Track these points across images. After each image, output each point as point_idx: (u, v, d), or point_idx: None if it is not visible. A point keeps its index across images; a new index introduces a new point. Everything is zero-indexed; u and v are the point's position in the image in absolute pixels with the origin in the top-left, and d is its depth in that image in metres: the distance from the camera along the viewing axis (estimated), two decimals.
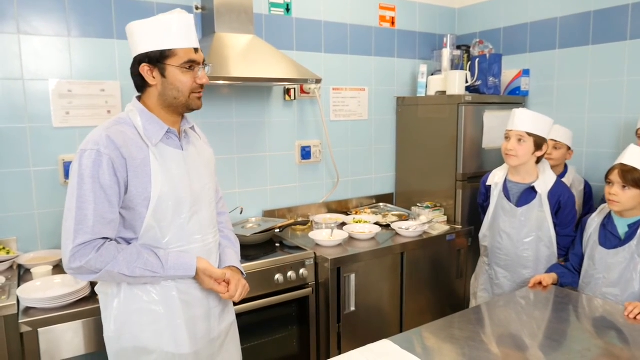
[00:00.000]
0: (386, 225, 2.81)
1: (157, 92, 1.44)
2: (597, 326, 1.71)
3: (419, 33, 3.38)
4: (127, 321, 1.43)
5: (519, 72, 3.11)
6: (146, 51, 1.40)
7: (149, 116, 1.44)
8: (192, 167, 1.51)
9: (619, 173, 1.89)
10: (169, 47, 1.40)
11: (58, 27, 2.21)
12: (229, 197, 2.72)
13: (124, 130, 1.39)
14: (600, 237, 1.98)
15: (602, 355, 1.48)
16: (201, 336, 1.52)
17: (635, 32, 2.60)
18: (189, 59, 1.42)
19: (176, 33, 1.41)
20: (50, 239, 2.27)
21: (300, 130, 2.96)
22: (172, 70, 1.41)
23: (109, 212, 1.34)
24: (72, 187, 1.34)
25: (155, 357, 1.44)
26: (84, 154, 1.33)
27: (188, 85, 1.43)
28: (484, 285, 2.42)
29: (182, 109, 1.48)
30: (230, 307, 1.67)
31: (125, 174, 1.36)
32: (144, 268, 1.37)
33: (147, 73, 1.42)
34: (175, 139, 1.50)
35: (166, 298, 1.45)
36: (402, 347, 1.45)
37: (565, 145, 2.65)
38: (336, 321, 2.38)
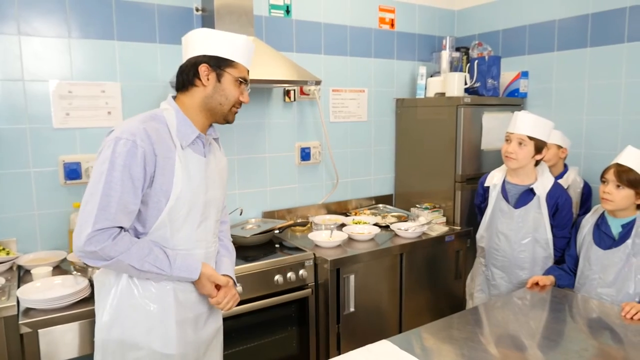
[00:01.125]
0: (385, 226, 2.82)
1: (203, 94, 1.50)
2: (593, 326, 1.73)
3: (418, 35, 3.39)
4: (120, 314, 1.45)
5: (518, 74, 3.12)
6: (213, 54, 1.47)
7: (184, 118, 1.49)
8: (209, 175, 1.55)
9: (614, 172, 1.90)
10: (234, 59, 1.50)
11: (58, 29, 2.22)
12: (229, 198, 2.73)
13: (158, 128, 1.43)
14: (595, 238, 1.99)
15: (598, 355, 1.49)
16: (189, 339, 1.54)
17: (633, 35, 2.62)
18: (244, 76, 1.54)
19: (243, 51, 1.53)
20: (50, 240, 2.28)
21: (300, 132, 2.97)
22: (228, 78, 1.50)
23: (132, 203, 1.37)
24: (100, 172, 1.35)
25: (143, 354, 1.45)
26: (119, 141, 1.35)
27: (235, 97, 1.53)
28: (481, 286, 2.43)
29: (220, 117, 1.55)
30: (217, 313, 1.68)
31: (153, 170, 1.39)
32: (152, 264, 1.39)
33: (204, 73, 1.48)
34: (200, 146, 1.54)
35: (162, 297, 1.46)
36: (401, 347, 1.46)
37: (554, 145, 2.65)
38: (335, 322, 2.39)
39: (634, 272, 1.87)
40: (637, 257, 1.87)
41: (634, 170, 1.89)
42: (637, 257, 1.87)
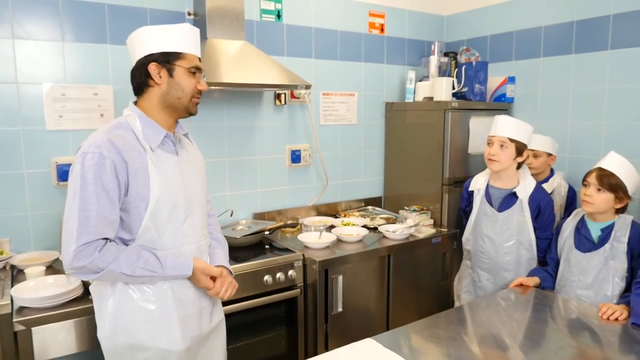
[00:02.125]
0: (374, 228, 2.87)
1: (159, 92, 1.51)
2: (572, 326, 1.78)
3: (407, 40, 3.45)
4: (122, 320, 1.48)
5: (505, 79, 3.19)
6: (158, 51, 1.48)
7: (148, 121, 1.50)
8: (185, 172, 1.57)
9: (596, 176, 1.96)
10: (180, 50, 1.49)
11: (52, 32, 2.25)
12: (220, 199, 2.77)
13: (124, 135, 1.44)
14: (575, 241, 2.05)
15: (576, 355, 1.54)
16: (194, 334, 1.58)
17: (616, 42, 2.69)
18: (195, 65, 1.53)
19: (187, 40, 1.52)
20: (43, 240, 2.31)
21: (291, 135, 3.02)
22: (180, 71, 1.50)
23: (110, 213, 1.39)
24: (74, 189, 1.38)
25: (151, 355, 1.49)
26: (87, 156, 1.37)
27: (192, 88, 1.53)
28: (467, 288, 2.49)
29: (182, 111, 1.55)
30: (219, 306, 1.73)
31: (126, 177, 1.41)
32: (144, 268, 1.42)
33: (154, 72, 1.49)
34: (171, 145, 1.55)
35: (160, 297, 1.49)
36: (385, 345, 1.51)
37: (544, 153, 2.72)
38: (324, 321, 2.44)
39: (611, 275, 1.94)
40: (615, 260, 1.94)
41: (615, 175, 1.95)
42: (615, 261, 1.94)
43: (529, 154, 2.72)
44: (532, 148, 2.71)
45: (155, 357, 1.49)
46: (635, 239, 1.92)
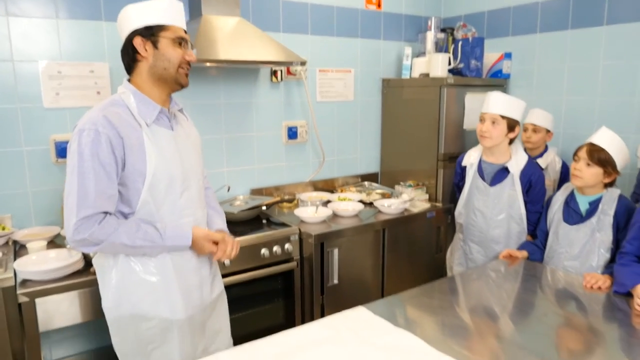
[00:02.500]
0: (369, 203, 2.92)
1: (147, 65, 1.53)
2: (559, 296, 1.84)
3: (404, 15, 3.43)
4: (125, 292, 1.53)
5: (501, 55, 3.19)
6: (141, 25, 1.51)
7: (142, 97, 1.53)
8: (181, 146, 1.60)
9: (586, 151, 2.00)
10: (163, 22, 1.52)
11: (46, 9, 2.25)
12: (218, 175, 2.81)
13: (119, 112, 1.47)
14: (564, 214, 2.10)
15: (563, 323, 1.60)
16: (195, 304, 1.63)
17: (612, 18, 2.69)
18: (180, 35, 1.55)
19: (170, 12, 1.54)
20: (43, 215, 2.36)
21: (287, 111, 3.04)
22: (164, 42, 1.52)
23: (108, 188, 1.43)
24: (72, 165, 1.42)
25: (154, 324, 1.55)
26: (83, 133, 1.41)
27: (178, 58, 1.54)
28: (459, 260, 2.54)
29: (171, 82, 1.57)
30: (219, 278, 1.79)
31: (122, 152, 1.44)
32: (143, 238, 1.46)
33: (140, 45, 1.51)
34: (166, 120, 1.58)
35: (162, 269, 1.55)
36: (376, 313, 1.57)
37: (543, 129, 2.75)
38: (320, 293, 2.51)
39: (597, 246, 1.99)
40: (601, 232, 1.98)
41: (605, 150, 1.98)
42: (601, 233, 1.98)
43: (530, 128, 2.75)
44: (533, 122, 2.74)
45: (158, 327, 1.55)
46: (621, 212, 1.96)
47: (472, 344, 1.43)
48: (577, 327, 1.58)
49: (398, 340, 1.41)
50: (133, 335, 1.55)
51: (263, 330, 2.43)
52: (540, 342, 1.45)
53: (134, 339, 1.55)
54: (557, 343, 1.47)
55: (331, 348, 1.36)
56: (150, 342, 1.55)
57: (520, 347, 1.40)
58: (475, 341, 1.46)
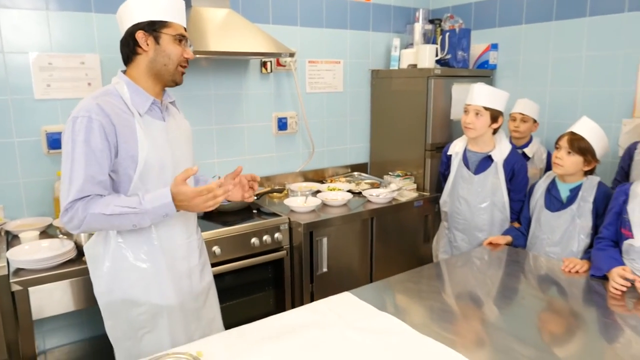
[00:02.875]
0: (358, 193, 2.96)
1: (147, 59, 1.57)
2: (541, 281, 1.90)
3: (393, 6, 3.46)
4: (116, 278, 1.58)
5: (488, 46, 3.23)
6: (145, 20, 1.54)
7: (135, 87, 1.57)
8: (172, 137, 1.64)
9: (567, 140, 2.06)
10: (166, 19, 1.56)
11: (36, 1, 2.26)
12: (208, 166, 2.85)
13: (112, 101, 1.51)
14: (546, 201, 2.16)
15: (545, 307, 1.66)
16: (186, 291, 1.68)
17: (594, 9, 2.74)
18: (181, 33, 1.59)
19: (173, 9, 1.58)
20: (35, 206, 2.38)
21: (277, 102, 3.07)
22: (166, 39, 1.56)
23: (98, 173, 1.46)
24: (66, 152, 1.46)
25: (145, 309, 1.60)
26: (76, 120, 1.45)
27: (178, 55, 1.58)
28: (444, 248, 2.61)
29: (168, 78, 1.61)
30: (208, 268, 1.83)
31: (115, 139, 1.48)
32: (121, 205, 1.45)
33: (142, 39, 1.54)
34: (158, 111, 1.62)
35: (152, 256, 1.59)
36: (361, 298, 1.62)
37: (531, 119, 2.81)
38: (309, 281, 2.56)
39: (577, 232, 2.05)
40: (581, 218, 2.05)
41: (585, 139, 2.05)
42: (581, 219, 2.05)
43: (518, 117, 2.80)
44: (521, 112, 2.79)
45: (148, 312, 1.60)
46: (600, 198, 2.03)
47: (455, 328, 1.49)
48: (558, 311, 1.64)
49: (382, 323, 1.46)
50: (125, 320, 1.60)
51: (254, 318, 2.45)
52: (522, 325, 1.50)
53: (125, 323, 1.60)
54: (539, 326, 1.53)
55: (316, 331, 1.41)
56: (142, 327, 1.60)
57: (503, 331, 1.46)
58: (458, 325, 1.51)
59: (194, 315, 1.71)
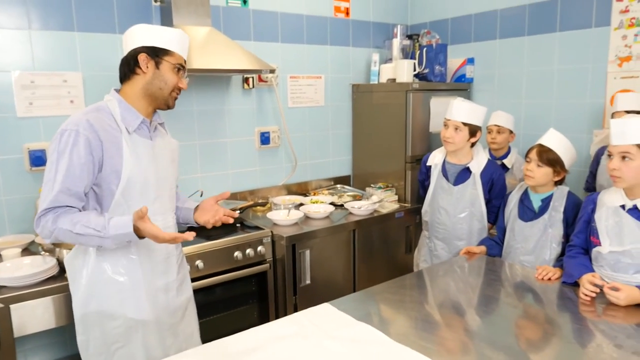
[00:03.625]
0: (340, 205, 3.01)
1: (144, 80, 1.63)
2: (518, 288, 1.94)
3: (373, 23, 3.55)
4: (93, 290, 1.60)
5: (464, 60, 3.33)
6: (150, 44, 1.61)
7: (127, 106, 1.62)
8: (158, 156, 1.69)
9: (536, 152, 2.13)
10: (170, 48, 1.64)
11: (18, 20, 2.29)
12: (192, 181, 2.88)
13: (102, 117, 1.56)
14: (519, 211, 2.23)
15: (521, 314, 1.70)
16: (162, 306, 1.70)
17: (564, 25, 2.85)
18: (181, 63, 1.67)
19: (178, 42, 1.66)
20: (17, 223, 2.38)
21: (259, 117, 3.12)
22: (166, 65, 1.64)
23: (74, 185, 1.49)
24: (51, 162, 1.50)
25: (120, 323, 1.62)
26: (64, 133, 1.50)
27: (174, 82, 1.66)
28: (424, 257, 2.66)
29: (161, 102, 1.67)
30: (187, 283, 1.85)
31: (101, 154, 1.53)
32: (86, 226, 1.47)
33: (143, 61, 1.61)
34: (146, 130, 1.67)
35: (130, 270, 1.62)
36: (340, 309, 1.66)
37: (507, 130, 2.89)
38: (292, 293, 2.59)
39: (549, 241, 2.12)
40: (553, 227, 2.12)
41: (553, 150, 2.12)
42: (553, 228, 2.12)
43: (494, 129, 2.88)
44: (497, 124, 2.87)
45: (123, 326, 1.62)
46: (569, 208, 2.10)
47: (433, 337, 1.52)
48: (533, 317, 1.68)
49: (359, 333, 1.50)
50: (99, 334, 1.62)
51: (238, 331, 2.49)
52: (499, 332, 1.54)
53: (99, 337, 1.62)
54: (516, 333, 1.57)
55: (295, 342, 1.44)
56: (115, 342, 1.62)
57: (480, 338, 1.50)
58: (437, 334, 1.55)
59: (170, 331, 1.73)
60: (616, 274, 1.78)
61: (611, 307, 1.69)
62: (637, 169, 1.70)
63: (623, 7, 2.59)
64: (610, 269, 1.79)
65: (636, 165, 1.69)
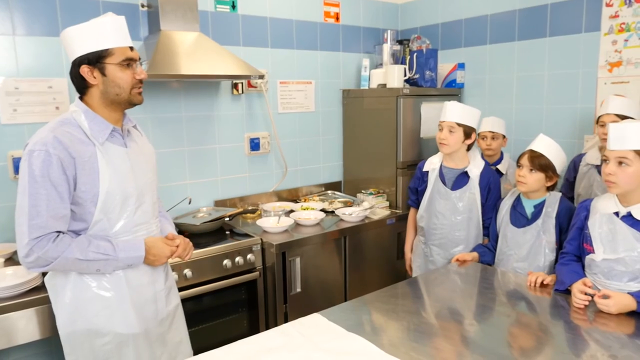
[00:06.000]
0: (331, 212, 2.98)
1: (98, 91, 1.54)
2: (511, 296, 1.92)
3: (363, 28, 3.54)
4: (79, 308, 1.55)
5: (455, 65, 3.32)
6: (84, 53, 1.50)
7: (93, 116, 1.54)
8: (135, 163, 1.63)
9: (528, 158, 2.12)
10: (106, 47, 1.50)
11: (2, 26, 2.25)
12: (180, 188, 2.84)
13: (70, 131, 1.48)
14: (512, 218, 2.21)
15: (515, 321, 1.68)
16: (150, 317, 1.66)
17: (554, 30, 2.85)
18: (125, 57, 1.54)
19: (111, 34, 1.51)
20: (1, 232, 2.33)
21: (249, 123, 3.09)
22: (111, 68, 1.52)
23: (61, 208, 1.44)
24: (23, 186, 1.42)
25: (109, 339, 1.57)
26: (33, 154, 1.42)
27: (128, 81, 1.55)
28: (419, 262, 2.64)
29: (125, 104, 1.59)
30: (174, 291, 1.82)
31: (74, 172, 1.45)
32: (96, 251, 1.47)
33: (87, 74, 1.51)
34: (119, 137, 1.60)
35: (115, 284, 1.57)
36: (330, 319, 1.63)
37: (501, 135, 2.88)
38: (283, 302, 2.55)
39: (543, 247, 2.10)
40: (546, 234, 2.10)
41: (544, 155, 2.11)
42: (546, 234, 2.10)
43: (489, 135, 2.86)
44: (490, 130, 2.86)
45: (113, 342, 1.57)
46: (562, 214, 2.09)
47: (424, 347, 1.49)
48: (527, 326, 1.65)
49: (349, 344, 1.47)
50: (88, 352, 1.57)
51: (228, 340, 2.42)
52: (493, 341, 1.52)
53: (88, 355, 1.57)
54: (509, 342, 1.55)
55: (284, 354, 1.41)
56: (106, 359, 1.57)
57: (473, 348, 1.47)
58: (428, 344, 1.52)
59: (159, 340, 1.69)
60: (610, 281, 1.76)
61: (603, 315, 1.67)
62: (633, 175, 1.68)
63: (613, 13, 2.60)
64: (604, 277, 1.78)
65: (632, 171, 1.68)
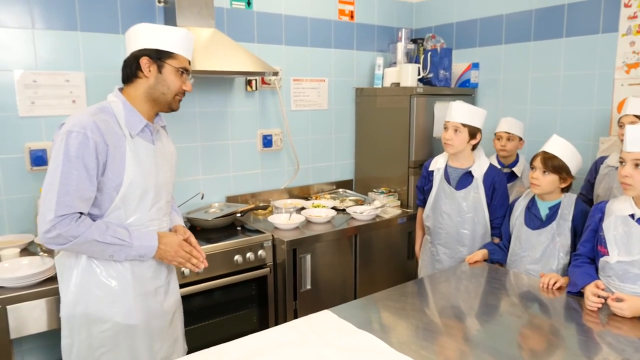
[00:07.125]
0: (342, 210, 2.98)
1: (146, 84, 1.61)
2: (523, 298, 1.90)
3: (377, 26, 3.53)
4: (83, 292, 1.58)
5: (469, 65, 3.30)
6: (152, 47, 1.58)
7: (131, 108, 1.60)
8: (159, 161, 1.68)
9: (541, 159, 2.10)
10: (173, 50, 1.60)
11: (22, 20, 2.28)
12: (192, 183, 2.86)
13: (107, 119, 1.54)
14: (526, 219, 2.19)
15: (527, 323, 1.66)
16: (150, 310, 1.68)
17: (570, 31, 2.82)
18: (184, 66, 1.64)
19: (182, 42, 1.63)
20: (17, 223, 2.37)
21: (262, 120, 3.10)
22: (169, 69, 1.61)
23: (88, 190, 1.49)
24: (56, 163, 1.47)
25: (108, 327, 1.59)
26: (71, 134, 1.46)
27: (177, 87, 1.64)
28: (426, 262, 2.63)
29: (164, 106, 1.66)
30: (174, 285, 1.83)
31: (105, 158, 1.51)
32: (113, 236, 1.51)
33: (145, 65, 1.59)
34: (149, 134, 1.66)
35: (120, 274, 1.60)
36: (340, 316, 1.63)
37: (517, 137, 2.84)
38: (292, 298, 2.56)
39: (557, 250, 2.08)
40: (561, 236, 2.08)
41: (558, 157, 2.09)
42: (561, 237, 2.08)
43: (504, 136, 2.83)
44: (507, 130, 2.82)
45: (111, 330, 1.60)
46: (578, 216, 2.06)
47: (435, 346, 1.49)
48: (539, 328, 1.64)
49: (359, 341, 1.47)
50: (85, 338, 1.59)
51: (237, 335, 2.44)
52: (503, 343, 1.51)
53: (85, 341, 1.59)
54: (520, 343, 1.54)
55: (295, 350, 1.42)
56: (102, 346, 1.60)
57: (483, 349, 1.46)
58: (438, 343, 1.51)
59: (159, 335, 1.71)
60: (624, 284, 1.74)
61: (617, 318, 1.65)
62: None
63: (631, 13, 2.56)
64: (618, 279, 1.76)
65: None
